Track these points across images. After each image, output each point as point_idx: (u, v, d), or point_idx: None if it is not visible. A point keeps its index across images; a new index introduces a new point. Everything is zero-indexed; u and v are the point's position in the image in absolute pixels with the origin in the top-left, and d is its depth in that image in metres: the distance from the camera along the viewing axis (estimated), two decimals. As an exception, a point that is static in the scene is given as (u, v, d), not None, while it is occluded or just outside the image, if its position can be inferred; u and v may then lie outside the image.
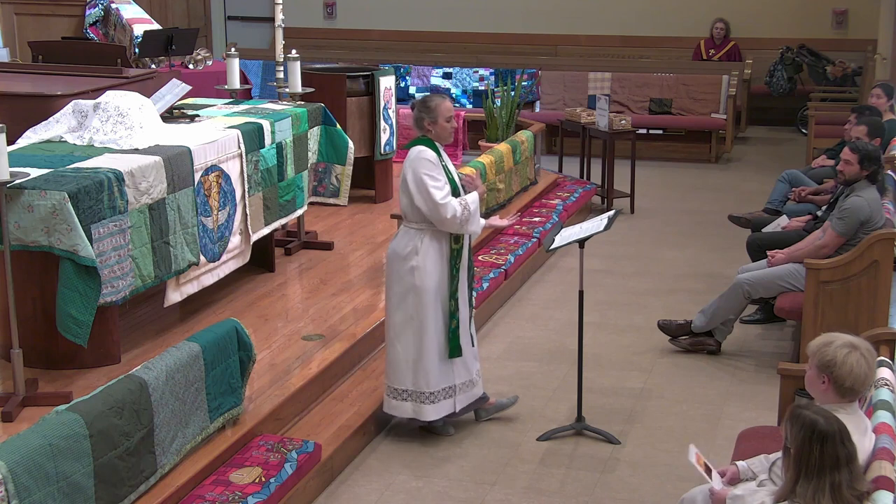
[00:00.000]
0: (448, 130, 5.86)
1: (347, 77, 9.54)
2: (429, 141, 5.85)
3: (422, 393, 5.88)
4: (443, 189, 5.72)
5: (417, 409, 5.91)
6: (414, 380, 5.88)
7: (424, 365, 5.85)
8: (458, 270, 5.87)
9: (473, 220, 5.80)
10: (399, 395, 5.93)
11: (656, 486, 5.55)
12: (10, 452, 3.96)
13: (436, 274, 5.82)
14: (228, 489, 4.93)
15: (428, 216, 5.76)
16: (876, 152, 6.90)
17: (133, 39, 10.57)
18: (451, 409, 5.98)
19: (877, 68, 12.93)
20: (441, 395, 5.93)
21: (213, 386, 5.19)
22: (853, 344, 4.01)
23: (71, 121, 6.53)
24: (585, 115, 11.24)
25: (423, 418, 5.94)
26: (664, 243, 9.81)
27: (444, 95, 6.11)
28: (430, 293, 5.81)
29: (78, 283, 5.42)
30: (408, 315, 5.85)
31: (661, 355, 7.25)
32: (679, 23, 15.22)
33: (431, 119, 5.83)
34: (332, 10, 16.50)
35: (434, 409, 5.91)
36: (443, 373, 5.90)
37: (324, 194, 8.84)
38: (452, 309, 5.87)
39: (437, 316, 5.84)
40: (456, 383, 5.97)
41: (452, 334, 5.88)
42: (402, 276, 5.84)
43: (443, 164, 5.83)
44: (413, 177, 5.76)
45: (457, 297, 5.87)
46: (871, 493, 3.62)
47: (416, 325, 5.84)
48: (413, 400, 5.90)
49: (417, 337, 5.85)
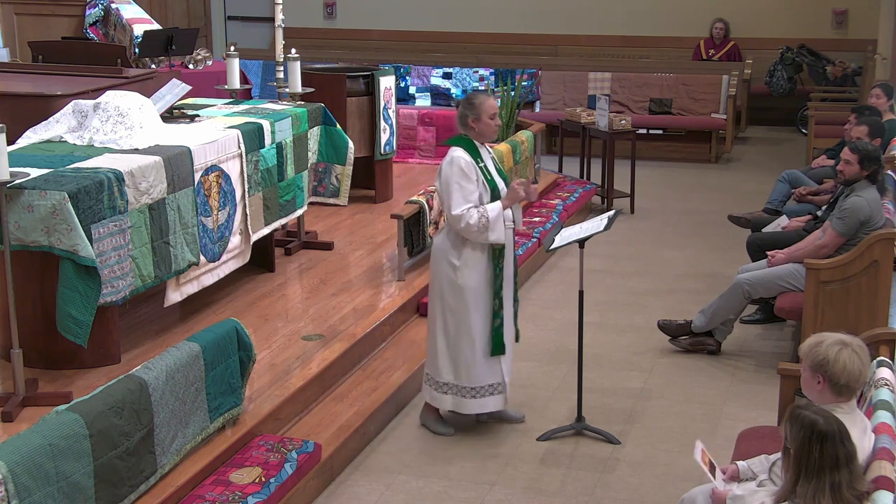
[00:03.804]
0: (492, 128, 5.85)
1: (347, 77, 9.54)
2: (468, 141, 5.85)
3: (463, 387, 5.93)
4: (466, 200, 5.72)
5: (458, 402, 5.96)
6: (455, 374, 5.93)
7: (466, 360, 5.90)
8: (501, 269, 5.89)
9: (493, 228, 5.75)
10: (440, 388, 5.99)
11: (656, 486, 5.55)
12: (10, 452, 3.96)
13: (478, 272, 5.84)
14: (228, 489, 4.93)
15: (448, 220, 5.83)
16: (876, 152, 6.90)
17: (133, 39, 10.57)
18: (493, 405, 6.01)
19: (877, 68, 12.93)
20: (486, 390, 5.96)
21: (213, 386, 5.19)
22: (844, 341, 4.00)
23: (71, 121, 6.53)
24: (585, 115, 11.23)
25: (463, 411, 5.99)
26: (664, 243, 9.81)
27: (488, 94, 6.12)
28: (472, 291, 5.84)
29: (78, 283, 5.42)
30: (448, 310, 5.89)
31: (661, 355, 7.25)
32: (679, 23, 15.22)
33: (475, 116, 5.83)
34: (332, 10, 16.50)
35: (477, 403, 5.96)
36: (488, 369, 5.94)
37: (324, 194, 8.85)
38: (496, 307, 5.89)
39: (480, 314, 5.87)
40: (505, 381, 6.01)
41: (496, 332, 5.90)
42: (445, 272, 5.88)
43: (481, 164, 5.82)
44: (443, 179, 5.82)
45: (501, 296, 5.90)
46: (871, 493, 3.62)
47: (456, 322, 5.87)
48: (454, 393, 5.96)
49: (457, 333, 5.88)
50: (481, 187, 5.78)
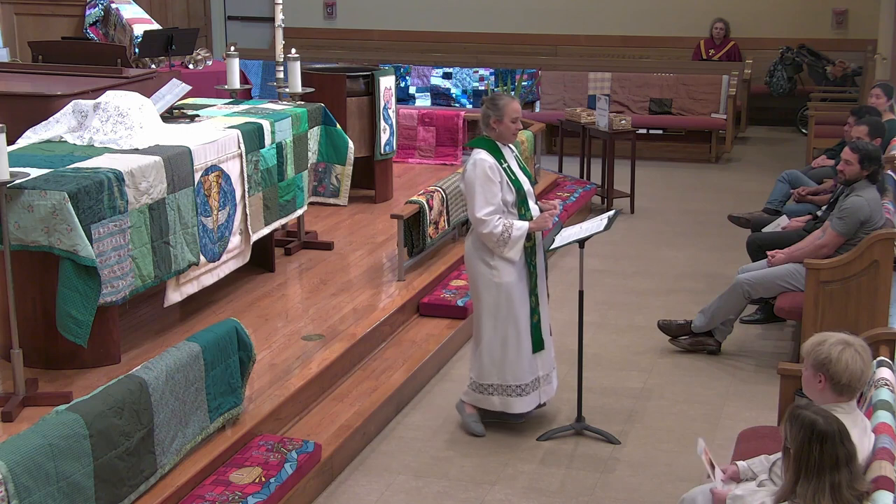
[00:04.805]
0: (511, 131, 5.89)
1: (347, 77, 9.54)
2: (490, 143, 5.88)
3: (509, 386, 5.97)
4: (489, 203, 5.74)
5: (505, 402, 5.99)
6: (500, 374, 5.96)
7: (510, 359, 5.93)
8: (535, 266, 5.94)
9: (511, 246, 5.79)
10: (485, 390, 6.01)
11: (656, 486, 5.55)
12: (10, 452, 3.96)
13: (515, 270, 5.87)
14: (228, 489, 4.93)
15: (472, 223, 5.87)
16: (876, 152, 6.90)
17: (133, 39, 10.57)
18: (537, 401, 6.07)
19: (877, 68, 12.93)
20: (530, 387, 6.01)
21: (213, 386, 5.19)
22: (846, 341, 4.00)
23: (71, 121, 6.53)
24: (585, 115, 11.24)
25: (512, 411, 6.02)
26: (664, 243, 9.81)
27: (513, 96, 6.15)
28: (511, 290, 5.87)
29: (78, 283, 5.42)
30: (488, 310, 5.92)
31: (661, 355, 7.25)
32: (679, 23, 15.22)
33: (498, 117, 5.85)
34: (332, 10, 16.50)
35: (521, 401, 6.00)
36: (530, 365, 5.99)
37: (324, 194, 8.85)
38: (533, 304, 5.95)
39: (521, 311, 5.91)
40: (539, 375, 6.05)
41: (535, 328, 5.96)
42: (482, 273, 5.91)
43: (504, 165, 5.84)
44: (467, 181, 5.85)
45: (537, 293, 5.95)
46: (871, 493, 3.62)
47: (499, 320, 5.91)
48: (500, 394, 5.99)
49: (502, 331, 5.92)
50: (505, 188, 5.81)
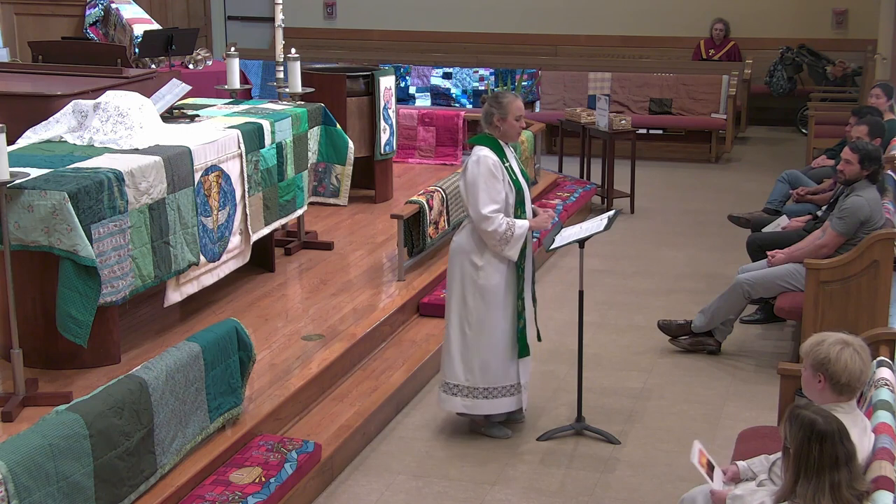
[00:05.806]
0: (516, 129, 5.83)
1: (347, 77, 9.54)
2: (492, 140, 5.83)
3: (475, 388, 5.88)
4: (494, 201, 5.69)
5: (469, 403, 5.90)
6: (467, 375, 5.88)
7: (482, 361, 5.85)
8: (523, 270, 5.88)
9: (513, 245, 5.76)
10: (450, 390, 5.95)
11: (656, 486, 5.55)
12: (10, 452, 3.96)
13: (500, 273, 5.82)
14: (228, 489, 4.93)
15: (472, 219, 5.78)
16: (876, 152, 6.90)
17: (133, 39, 10.57)
18: (516, 405, 5.99)
19: (877, 68, 12.93)
20: (500, 391, 5.91)
21: (212, 386, 5.19)
22: (845, 340, 4.00)
23: (71, 121, 6.53)
24: (585, 115, 11.23)
25: (476, 412, 5.95)
26: (664, 243, 9.81)
27: (516, 94, 6.09)
28: (494, 292, 5.81)
29: (78, 283, 5.42)
30: (467, 311, 5.85)
31: (661, 355, 7.25)
32: (679, 23, 15.22)
33: (501, 115, 5.80)
34: (332, 10, 16.50)
35: (490, 404, 5.90)
36: (504, 371, 5.90)
37: (324, 194, 8.85)
38: (520, 308, 5.88)
39: (501, 315, 5.84)
40: (522, 381, 5.98)
41: (521, 334, 5.89)
42: (467, 272, 5.84)
43: (506, 164, 5.80)
44: (469, 178, 5.76)
45: (524, 297, 5.89)
46: (871, 492, 3.62)
47: (474, 322, 5.83)
48: (464, 395, 5.90)
49: (476, 334, 5.84)
50: (507, 187, 5.77)
